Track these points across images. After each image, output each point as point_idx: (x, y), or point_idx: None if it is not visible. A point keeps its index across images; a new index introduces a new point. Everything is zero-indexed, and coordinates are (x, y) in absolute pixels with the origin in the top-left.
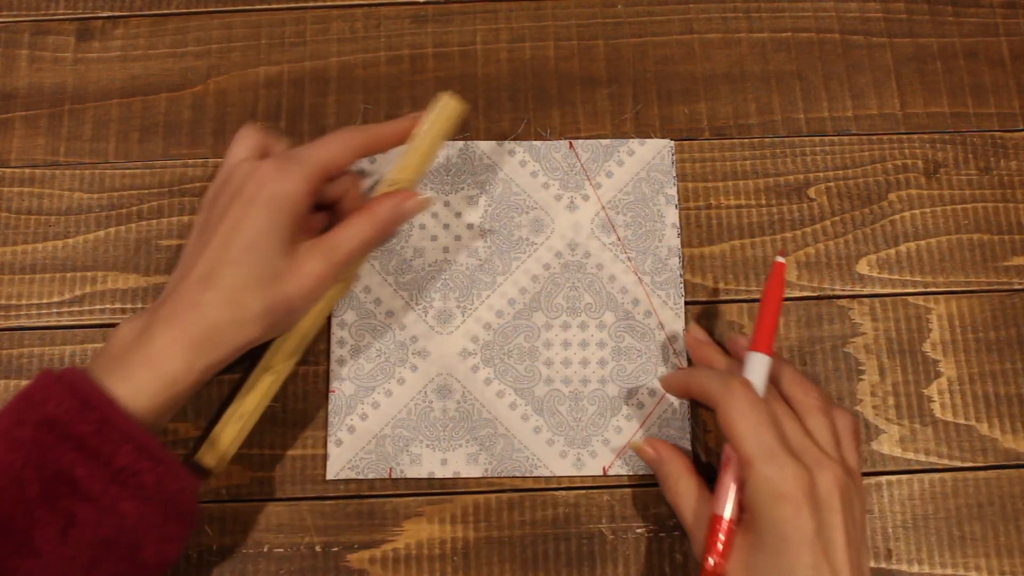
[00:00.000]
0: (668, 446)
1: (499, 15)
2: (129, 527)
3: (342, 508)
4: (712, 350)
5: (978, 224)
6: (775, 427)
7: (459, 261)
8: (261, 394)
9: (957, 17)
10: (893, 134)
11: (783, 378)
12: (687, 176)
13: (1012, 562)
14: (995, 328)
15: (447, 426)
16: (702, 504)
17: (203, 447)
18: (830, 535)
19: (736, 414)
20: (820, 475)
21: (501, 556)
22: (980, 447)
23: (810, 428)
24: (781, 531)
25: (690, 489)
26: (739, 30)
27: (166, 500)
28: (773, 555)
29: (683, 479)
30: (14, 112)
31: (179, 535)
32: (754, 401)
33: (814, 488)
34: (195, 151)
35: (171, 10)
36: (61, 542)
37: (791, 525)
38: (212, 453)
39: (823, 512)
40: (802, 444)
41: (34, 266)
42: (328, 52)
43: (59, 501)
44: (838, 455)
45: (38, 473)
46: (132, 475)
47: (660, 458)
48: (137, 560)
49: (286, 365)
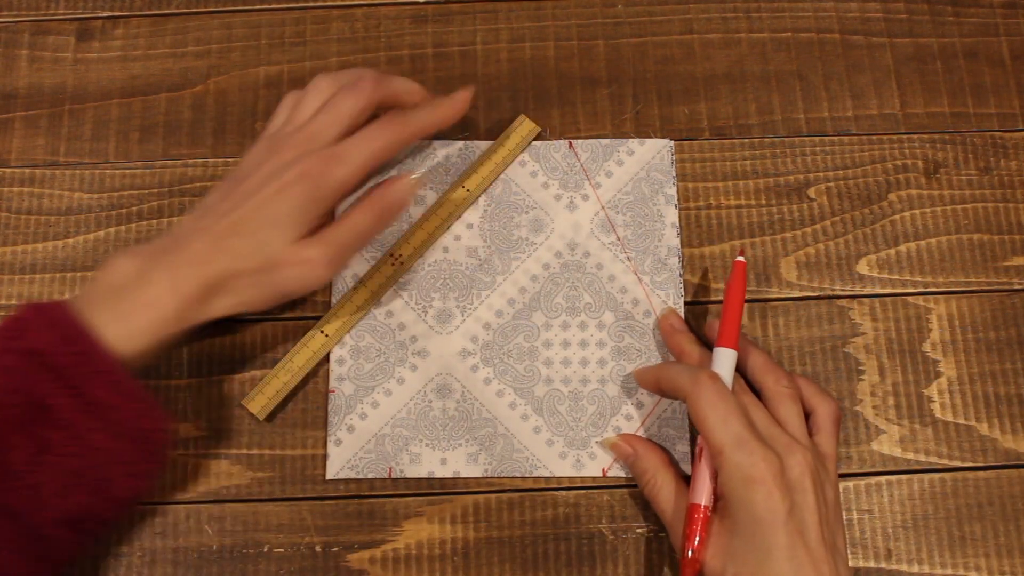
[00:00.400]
0: (642, 441)
1: (499, 15)
2: (101, 460)
3: (342, 508)
4: (685, 338)
5: (978, 224)
6: (743, 416)
7: (459, 261)
8: (311, 353)
9: (957, 17)
10: (893, 134)
11: (755, 367)
12: (687, 176)
13: (1012, 562)
14: (995, 328)
15: (447, 426)
16: (680, 497)
17: (251, 394)
18: (803, 516)
19: (705, 405)
20: (789, 459)
21: (501, 556)
22: (980, 447)
23: (780, 416)
24: (755, 514)
25: (667, 483)
26: (739, 30)
27: (139, 437)
28: (749, 538)
29: (660, 473)
30: (14, 112)
31: (149, 472)
32: (722, 392)
33: (784, 471)
34: (195, 151)
35: (171, 10)
36: (34, 466)
37: (764, 507)
38: (257, 400)
39: (795, 494)
40: (770, 431)
41: (34, 266)
42: (328, 52)
43: (34, 427)
44: (809, 441)
45: (16, 399)
46: (107, 408)
47: (636, 454)
48: (106, 493)
49: (337, 331)
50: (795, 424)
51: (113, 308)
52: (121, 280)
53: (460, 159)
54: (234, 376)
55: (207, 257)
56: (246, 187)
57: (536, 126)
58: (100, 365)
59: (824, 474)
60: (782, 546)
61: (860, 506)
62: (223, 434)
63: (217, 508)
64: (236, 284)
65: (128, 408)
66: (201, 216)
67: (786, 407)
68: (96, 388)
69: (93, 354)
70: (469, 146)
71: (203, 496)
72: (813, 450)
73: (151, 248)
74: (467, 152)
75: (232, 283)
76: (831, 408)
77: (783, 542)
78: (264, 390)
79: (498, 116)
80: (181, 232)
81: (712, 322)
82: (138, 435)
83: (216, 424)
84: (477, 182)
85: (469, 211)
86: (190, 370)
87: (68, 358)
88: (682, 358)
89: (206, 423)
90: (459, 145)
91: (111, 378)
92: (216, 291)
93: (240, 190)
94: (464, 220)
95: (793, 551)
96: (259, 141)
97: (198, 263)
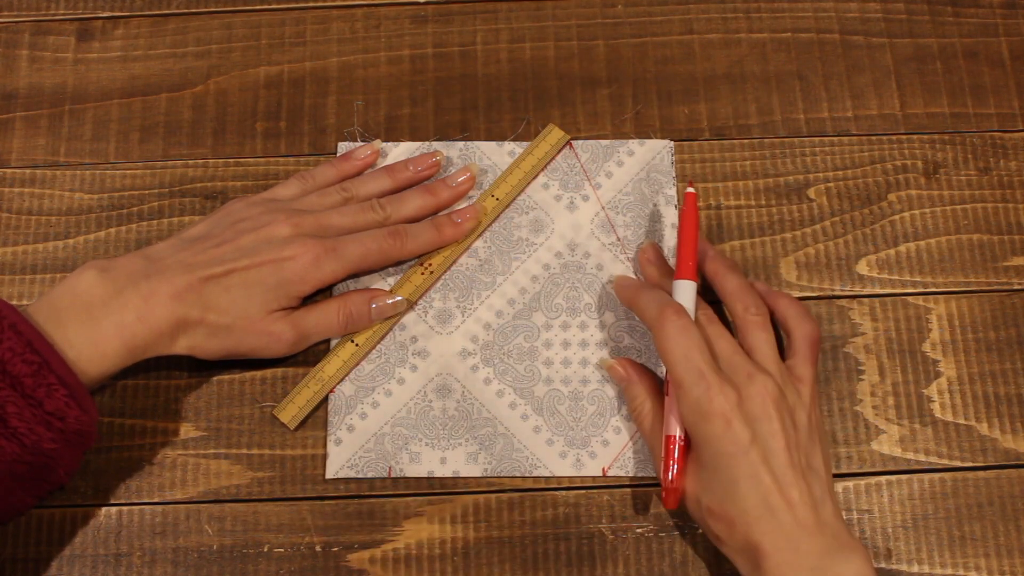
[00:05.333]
0: (637, 366)
1: (499, 15)
2: (46, 463)
3: (342, 508)
4: (658, 271)
5: (978, 224)
6: (705, 351)
7: (459, 261)
8: (342, 362)
9: (957, 17)
10: (893, 134)
11: (728, 293)
12: (687, 176)
13: (1012, 562)
14: (995, 328)
15: (447, 425)
16: (661, 426)
17: (281, 404)
18: (767, 442)
19: (667, 340)
20: (749, 389)
21: (501, 556)
22: (980, 447)
23: (748, 344)
24: (716, 447)
25: (652, 411)
26: (739, 30)
27: (82, 440)
28: (713, 470)
29: (647, 401)
30: (14, 112)
31: (78, 467)
32: (685, 326)
33: (743, 402)
34: (195, 151)
35: (171, 10)
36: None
37: (724, 439)
38: (288, 410)
39: (757, 423)
40: (733, 362)
41: (35, 266)
42: (328, 52)
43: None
44: (778, 367)
45: None
46: (59, 419)
47: (628, 378)
48: (39, 491)
49: (367, 340)
50: (763, 352)
51: (83, 326)
52: (93, 298)
53: (461, 160)
54: (234, 376)
55: (185, 296)
56: (241, 243)
57: (564, 133)
58: (58, 376)
59: (795, 398)
60: (746, 475)
61: (860, 506)
62: (223, 434)
63: (217, 508)
64: (200, 331)
65: (78, 418)
66: (182, 248)
67: (754, 335)
68: (52, 399)
69: (52, 364)
70: (469, 147)
71: (203, 496)
72: (781, 375)
73: (126, 268)
74: (467, 153)
75: (197, 328)
76: (807, 330)
77: (747, 471)
78: (295, 400)
79: (498, 116)
80: (160, 258)
81: None
82: (80, 439)
83: (216, 424)
84: (506, 191)
85: None
86: (190, 370)
87: (26, 367)
88: None
89: (206, 423)
90: (459, 146)
91: (68, 391)
92: (183, 330)
93: (234, 243)
94: None
95: (757, 479)
96: (257, 200)
97: (175, 298)
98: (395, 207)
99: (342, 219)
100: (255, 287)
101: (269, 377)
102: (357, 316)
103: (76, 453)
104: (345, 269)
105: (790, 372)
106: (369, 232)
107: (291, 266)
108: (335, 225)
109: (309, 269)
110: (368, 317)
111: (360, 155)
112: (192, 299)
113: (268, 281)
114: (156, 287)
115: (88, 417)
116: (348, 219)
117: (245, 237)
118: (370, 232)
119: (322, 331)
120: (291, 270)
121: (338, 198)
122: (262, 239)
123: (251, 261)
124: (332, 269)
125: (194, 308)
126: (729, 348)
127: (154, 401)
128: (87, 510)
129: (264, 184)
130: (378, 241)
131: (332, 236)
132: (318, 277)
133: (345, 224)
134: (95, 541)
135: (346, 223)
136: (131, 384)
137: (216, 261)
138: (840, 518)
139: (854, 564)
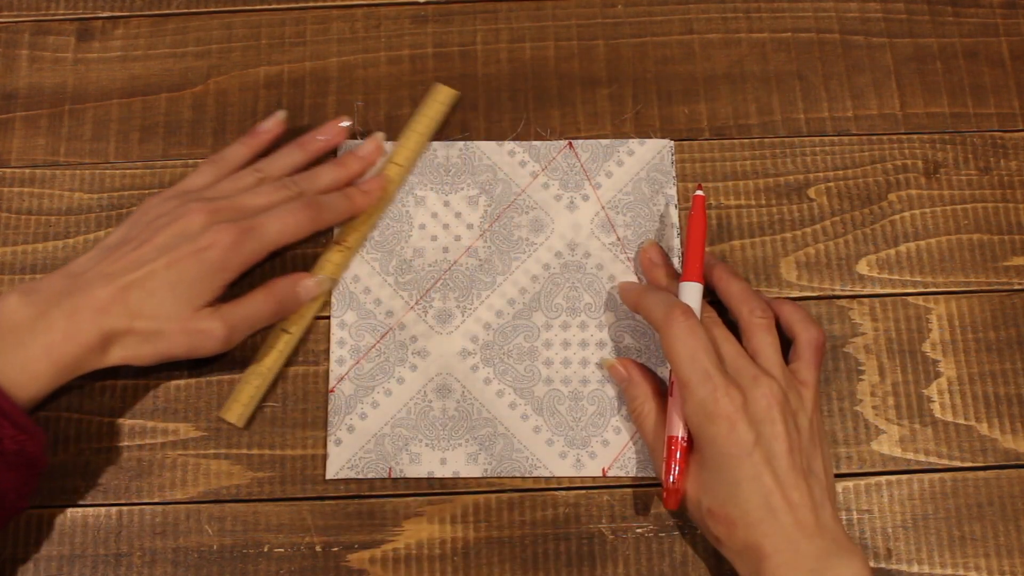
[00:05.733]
0: (638, 366)
1: (499, 15)
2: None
3: (342, 508)
4: (663, 272)
5: (978, 224)
6: (711, 352)
7: (459, 261)
8: (277, 353)
9: (957, 17)
10: (893, 134)
11: (732, 297)
12: (687, 176)
13: (1012, 562)
14: (995, 328)
15: (447, 425)
16: (661, 427)
17: (226, 404)
18: (770, 445)
19: (675, 341)
20: (754, 392)
21: (501, 556)
22: (980, 447)
23: (753, 347)
24: (720, 448)
25: (653, 412)
26: (739, 30)
27: (29, 464)
28: (716, 470)
29: (648, 401)
30: (14, 112)
31: (34, 483)
32: (692, 327)
33: (748, 405)
34: (195, 151)
35: (171, 10)
36: None
37: (728, 441)
38: (233, 409)
39: (761, 425)
40: (737, 364)
41: (34, 266)
42: (328, 52)
43: None
44: (782, 370)
45: None
46: (4, 447)
47: (629, 378)
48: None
49: (299, 328)
50: (767, 355)
51: (11, 351)
52: (17, 322)
53: (460, 160)
54: (234, 376)
55: (108, 307)
56: (158, 241)
57: (454, 91)
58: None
59: (798, 401)
60: (749, 477)
61: (860, 506)
62: (223, 434)
63: (217, 508)
64: (130, 339)
65: (22, 442)
66: (102, 258)
67: (759, 338)
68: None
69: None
70: (469, 147)
71: (203, 496)
72: (785, 379)
73: (48, 289)
74: (467, 153)
75: (127, 338)
76: (812, 335)
77: (749, 473)
78: (238, 398)
79: (498, 116)
80: (81, 273)
81: None
82: (28, 462)
83: (216, 424)
84: (406, 155)
85: (469, 211)
86: (190, 370)
87: None
88: None
89: (206, 423)
90: (459, 146)
91: (11, 420)
92: (113, 342)
93: (152, 243)
94: (464, 220)
95: (760, 481)
96: (171, 194)
97: (99, 311)
98: (308, 182)
99: (257, 199)
100: (179, 285)
101: None
102: (285, 300)
103: (23, 475)
104: (265, 247)
105: (794, 376)
106: (285, 206)
107: (211, 254)
108: (251, 206)
109: (229, 254)
110: (296, 299)
111: (268, 127)
112: (117, 310)
113: (191, 275)
114: (79, 303)
115: (27, 436)
116: (263, 199)
117: (161, 234)
118: (286, 206)
119: (252, 322)
120: (211, 258)
121: (251, 180)
122: (178, 233)
123: (170, 258)
124: (252, 249)
125: (120, 318)
126: (734, 350)
127: (154, 401)
128: (87, 510)
129: None
130: (294, 214)
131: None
132: (240, 260)
133: (260, 204)
134: (95, 541)
135: (261, 203)
136: (131, 384)
137: (135, 265)
138: (839, 522)
139: (853, 568)
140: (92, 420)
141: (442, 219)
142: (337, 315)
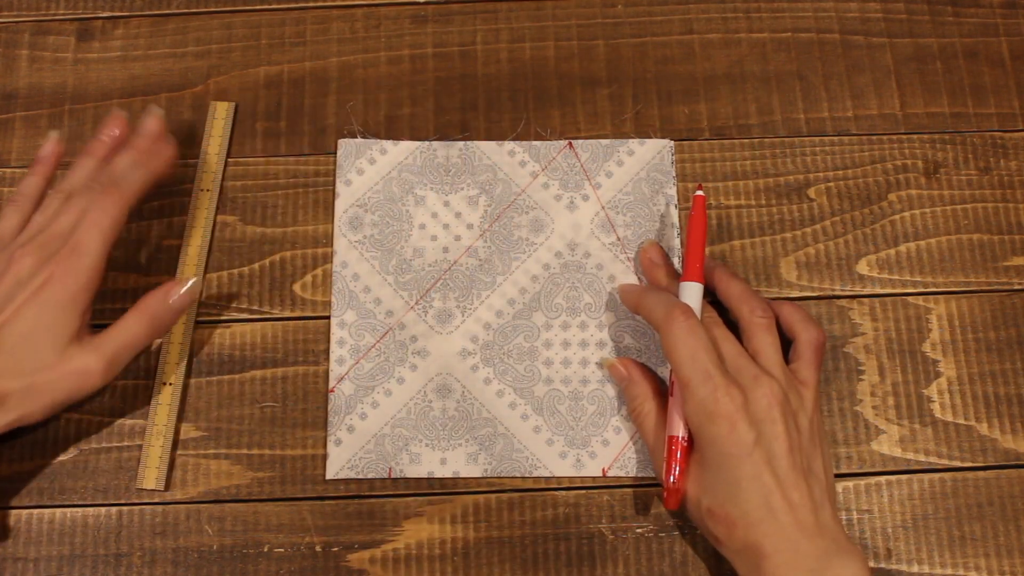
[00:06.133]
0: (638, 366)
1: (499, 15)
2: None
3: (342, 508)
4: (663, 272)
5: (978, 224)
6: (712, 352)
7: (459, 261)
8: (167, 407)
9: (957, 17)
10: (893, 134)
11: (732, 297)
12: (687, 176)
13: (1012, 562)
14: (995, 328)
15: (447, 425)
16: (662, 426)
17: (139, 473)
18: (770, 445)
19: (675, 340)
20: (755, 391)
21: (501, 556)
22: (980, 447)
23: (753, 347)
24: (720, 447)
25: (653, 411)
26: (739, 30)
27: None
28: (717, 470)
29: (648, 401)
30: (14, 112)
31: None
32: (692, 327)
33: (748, 404)
34: (195, 151)
35: (171, 10)
36: None
37: (729, 440)
38: (149, 475)
39: (762, 425)
40: (738, 364)
41: None
42: (328, 52)
43: None
44: (782, 370)
45: None
46: None
47: (630, 378)
48: None
49: (178, 374)
50: (768, 355)
51: None
52: None
53: (460, 160)
54: (234, 376)
55: None
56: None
57: (229, 103)
58: None
59: (798, 401)
60: (749, 476)
61: (860, 506)
62: (223, 434)
63: (217, 508)
64: (11, 401)
65: None
66: None
67: (759, 338)
68: None
69: None
70: (469, 147)
71: (203, 496)
72: (786, 379)
73: None
74: (467, 153)
75: (8, 401)
76: (812, 335)
77: (750, 472)
78: (147, 463)
79: (498, 116)
80: None
81: None
82: None
83: (216, 424)
84: (212, 178)
85: (469, 211)
86: (190, 370)
87: None
88: None
89: (206, 423)
90: (459, 146)
91: None
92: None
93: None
94: (464, 220)
95: (760, 481)
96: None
97: None
98: (107, 175)
99: (70, 217)
100: (32, 334)
101: (269, 377)
102: (158, 315)
103: None
104: (96, 258)
105: (794, 376)
106: (90, 210)
107: (51, 291)
108: (68, 226)
109: (68, 282)
110: (171, 312)
111: (49, 150)
112: None
113: (41, 319)
114: None
115: None
116: (75, 214)
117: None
118: (90, 209)
119: (130, 347)
120: (54, 295)
121: (57, 203)
122: (12, 284)
123: (14, 308)
124: (87, 265)
125: None
126: (734, 350)
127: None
128: (87, 510)
129: (264, 183)
130: (102, 208)
131: None
132: (83, 280)
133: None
134: (95, 541)
135: (76, 218)
136: (131, 384)
137: None
138: (838, 522)
139: (852, 568)
140: (92, 420)
141: (442, 219)
142: (337, 314)
